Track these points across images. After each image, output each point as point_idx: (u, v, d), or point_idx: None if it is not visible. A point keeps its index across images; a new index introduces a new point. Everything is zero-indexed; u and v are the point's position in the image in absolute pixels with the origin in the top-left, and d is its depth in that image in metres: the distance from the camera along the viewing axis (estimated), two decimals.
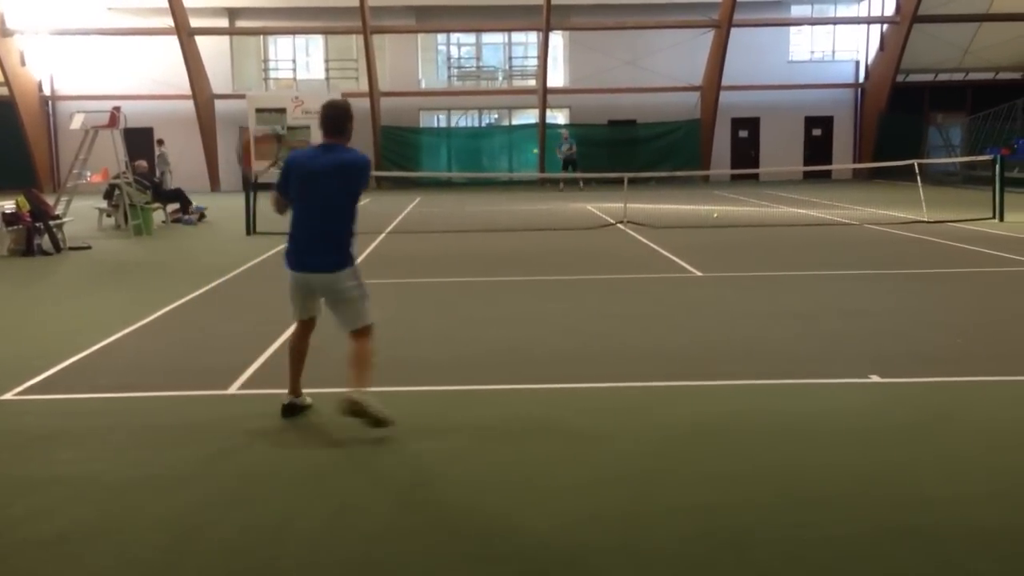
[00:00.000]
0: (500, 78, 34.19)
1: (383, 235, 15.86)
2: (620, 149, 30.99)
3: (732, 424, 5.32)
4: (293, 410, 5.52)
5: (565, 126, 31.32)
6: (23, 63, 30.34)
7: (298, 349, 5.62)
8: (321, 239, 5.19)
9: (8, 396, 6.03)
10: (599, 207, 20.96)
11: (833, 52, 33.79)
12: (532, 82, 32.64)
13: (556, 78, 32.51)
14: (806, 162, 32.31)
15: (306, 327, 5.61)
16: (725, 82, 30.95)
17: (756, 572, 3.55)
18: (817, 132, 33.44)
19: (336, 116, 5.23)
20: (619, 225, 16.67)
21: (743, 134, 33.23)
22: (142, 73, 30.48)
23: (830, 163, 32.10)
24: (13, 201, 14.12)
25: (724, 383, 6.20)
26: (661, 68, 31.62)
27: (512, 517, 4.06)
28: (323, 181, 5.13)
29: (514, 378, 6.41)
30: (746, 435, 5.12)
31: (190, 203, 19.32)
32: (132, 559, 3.71)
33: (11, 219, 13.85)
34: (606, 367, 6.67)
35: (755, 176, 32.22)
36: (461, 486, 4.44)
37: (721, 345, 7.35)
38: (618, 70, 31.59)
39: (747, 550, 3.71)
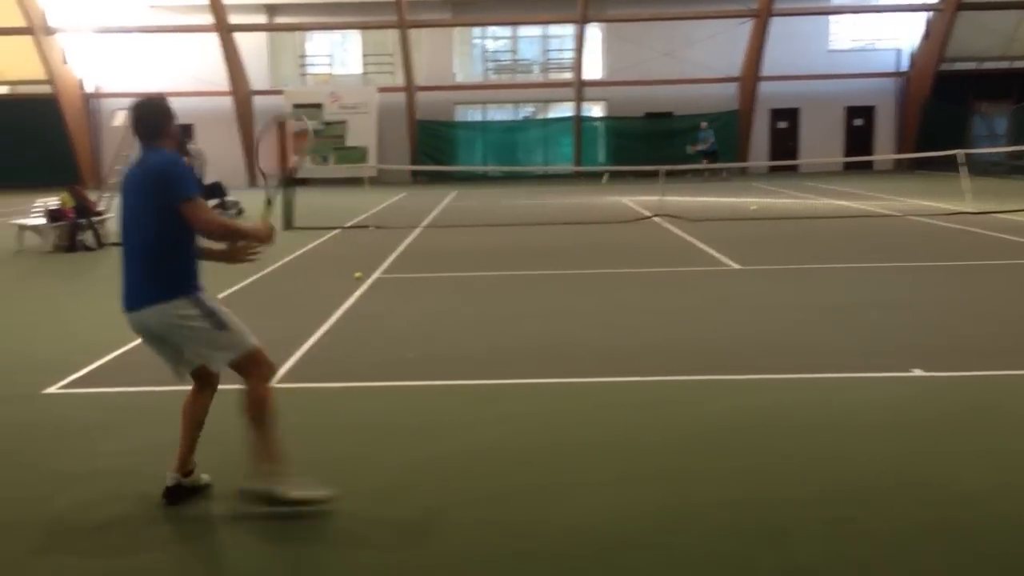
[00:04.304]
0: (536, 71, 34.11)
1: (419, 229, 15.91)
2: (656, 142, 30.79)
3: (769, 419, 5.27)
4: (177, 494, 4.20)
5: (705, 119, 30.13)
6: (65, 61, 30.81)
7: (189, 412, 4.35)
8: (132, 269, 4.21)
9: (52, 390, 6.14)
10: (635, 200, 20.85)
11: (875, 41, 33.26)
12: (569, 75, 32.53)
13: (594, 71, 32.37)
14: (847, 153, 31.87)
15: (199, 384, 4.37)
16: (764, 72, 30.62)
17: (792, 568, 3.51)
18: (858, 122, 32.97)
19: (143, 117, 4.18)
20: (655, 218, 16.57)
21: (782, 125, 32.86)
22: (182, 70, 30.82)
23: (872, 154, 31.62)
24: (58, 198, 14.36)
25: (762, 377, 6.14)
26: (699, 59, 31.35)
27: (545, 512, 4.06)
28: (128, 198, 4.18)
29: (547, 372, 6.39)
30: (784, 430, 5.07)
31: (226, 194, 19.46)
32: (173, 550, 3.76)
33: (56, 215, 14.09)
34: (641, 361, 6.64)
35: (794, 167, 31.85)
36: (493, 480, 4.45)
37: (759, 339, 7.28)
38: (655, 62, 31.38)
39: (783, 546, 3.68)
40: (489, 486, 4.37)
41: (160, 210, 4.04)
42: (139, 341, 4.49)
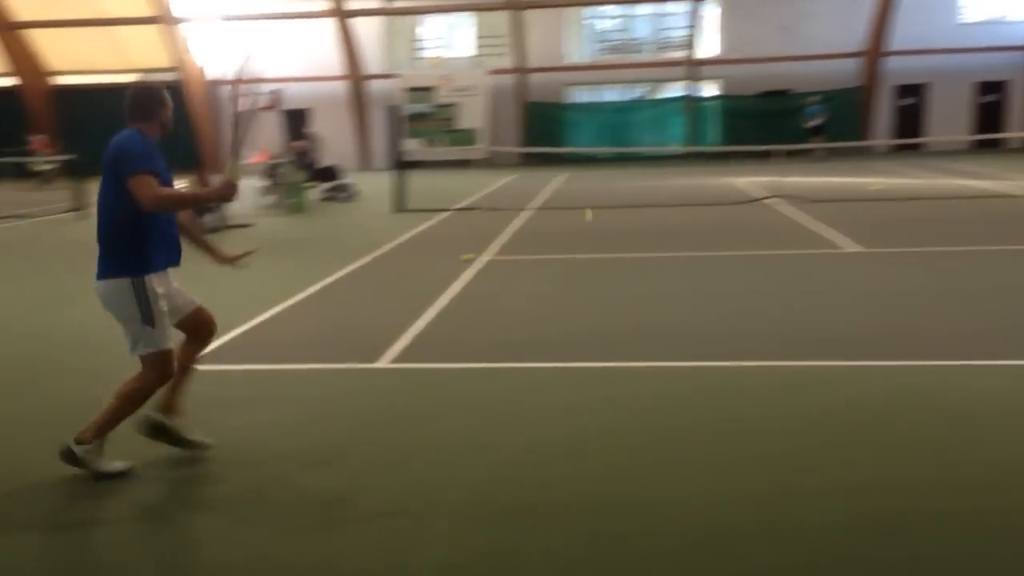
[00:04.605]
0: (648, 50, 33.58)
1: (529, 212, 15.94)
2: (771, 121, 29.95)
3: (888, 406, 5.10)
4: (152, 428, 4.55)
5: (815, 94, 29.60)
6: (187, 49, 31.93)
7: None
8: (98, 241, 4.36)
9: None
10: (750, 181, 20.38)
11: (1008, 12, 31.49)
12: (682, 54, 31.92)
13: (711, 48, 31.68)
14: (977, 130, 30.35)
15: (187, 336, 4.68)
16: (889, 47, 29.37)
17: (903, 557, 3.41)
18: (990, 98, 31.32)
19: (133, 98, 4.39)
20: (771, 199, 16.16)
21: (907, 102, 31.50)
22: (299, 55, 31.59)
23: (1004, 131, 30.03)
24: (187, 182, 14.94)
25: (881, 364, 5.94)
26: (820, 34, 30.32)
27: (652, 495, 4.04)
28: (102, 174, 4.32)
29: (657, 355, 6.33)
30: (903, 417, 4.90)
31: (339, 179, 19.85)
32: (284, 527, 3.89)
33: None
34: (754, 345, 6.50)
35: (920, 146, 30.54)
36: (599, 463, 4.43)
37: (878, 323, 7.04)
38: (775, 38, 30.49)
39: (894, 535, 3.57)
40: (597, 468, 4.36)
41: (115, 185, 4.22)
42: (258, 320, 4.65)
